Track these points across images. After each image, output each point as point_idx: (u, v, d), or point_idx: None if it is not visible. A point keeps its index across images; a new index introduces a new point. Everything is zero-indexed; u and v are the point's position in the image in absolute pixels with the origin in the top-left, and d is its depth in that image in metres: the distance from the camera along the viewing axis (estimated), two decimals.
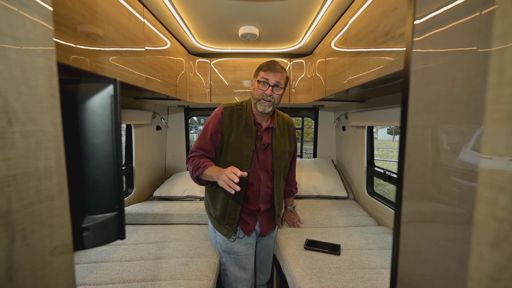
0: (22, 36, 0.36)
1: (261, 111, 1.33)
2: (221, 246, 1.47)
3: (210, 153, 1.36)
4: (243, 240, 1.46)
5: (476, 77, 0.34)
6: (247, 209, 1.44)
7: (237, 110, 1.39)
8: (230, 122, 1.36)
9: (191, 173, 1.30)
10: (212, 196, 1.46)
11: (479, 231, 0.31)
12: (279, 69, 1.32)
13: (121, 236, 0.65)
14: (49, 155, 0.43)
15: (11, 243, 0.37)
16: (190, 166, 1.31)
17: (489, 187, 0.30)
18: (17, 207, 0.37)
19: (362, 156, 2.28)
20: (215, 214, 1.44)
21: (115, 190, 0.62)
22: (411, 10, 0.46)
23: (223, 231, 1.43)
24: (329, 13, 1.60)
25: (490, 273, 0.30)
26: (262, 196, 1.44)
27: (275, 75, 1.30)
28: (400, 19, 0.95)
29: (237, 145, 1.34)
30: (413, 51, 0.46)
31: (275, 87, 1.31)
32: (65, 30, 0.82)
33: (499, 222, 0.29)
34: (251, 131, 1.36)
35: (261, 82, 1.31)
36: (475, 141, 0.34)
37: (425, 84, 0.44)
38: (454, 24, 0.38)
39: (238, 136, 1.35)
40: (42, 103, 0.41)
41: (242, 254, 1.45)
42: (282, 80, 1.33)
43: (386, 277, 1.24)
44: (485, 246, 0.30)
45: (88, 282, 1.21)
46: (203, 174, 1.26)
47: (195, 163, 1.29)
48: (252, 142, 1.35)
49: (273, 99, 1.32)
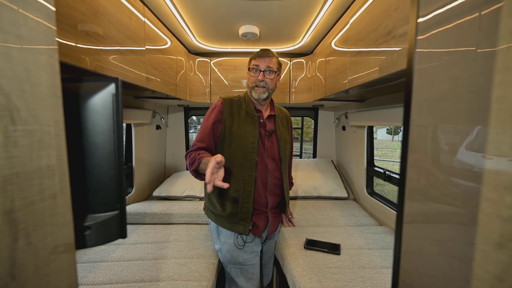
0: (24, 34, 0.36)
1: (256, 98, 1.33)
2: (225, 256, 1.39)
3: (209, 146, 1.31)
4: (249, 248, 1.37)
5: (481, 76, 0.33)
6: (257, 203, 1.36)
7: (235, 101, 1.37)
8: (231, 111, 1.33)
9: (189, 168, 1.25)
10: (220, 194, 1.35)
11: (484, 230, 0.31)
12: (268, 53, 1.33)
13: (123, 235, 0.65)
14: (51, 153, 0.43)
15: (14, 241, 0.37)
16: (188, 161, 1.26)
17: (494, 186, 0.30)
18: (20, 205, 0.37)
19: (362, 156, 2.28)
20: (226, 211, 1.33)
21: (116, 189, 0.62)
22: (414, 8, 0.46)
23: (239, 229, 1.33)
24: (330, 12, 1.60)
25: (495, 272, 0.29)
26: (270, 187, 1.38)
27: (264, 60, 1.32)
28: (402, 18, 0.95)
29: (240, 134, 1.30)
30: (416, 50, 0.46)
31: (266, 71, 1.32)
32: (66, 28, 0.82)
33: (505, 221, 0.29)
34: (253, 118, 1.34)
35: (253, 69, 1.33)
36: (478, 140, 0.34)
37: (429, 83, 0.44)
38: (458, 23, 0.38)
39: (240, 125, 1.31)
40: (44, 102, 0.41)
41: (248, 264, 1.38)
42: (272, 64, 1.33)
43: (386, 276, 1.24)
44: (490, 245, 0.30)
45: (86, 282, 1.21)
46: (200, 168, 1.19)
47: (191, 157, 1.24)
48: (255, 129, 1.32)
49: (267, 85, 1.32)
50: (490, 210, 0.30)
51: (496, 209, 0.30)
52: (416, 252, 0.47)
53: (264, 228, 1.41)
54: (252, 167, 1.29)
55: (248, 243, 1.37)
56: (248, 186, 1.29)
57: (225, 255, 1.39)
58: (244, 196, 1.31)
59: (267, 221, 1.42)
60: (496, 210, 0.30)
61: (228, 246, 1.37)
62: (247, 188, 1.30)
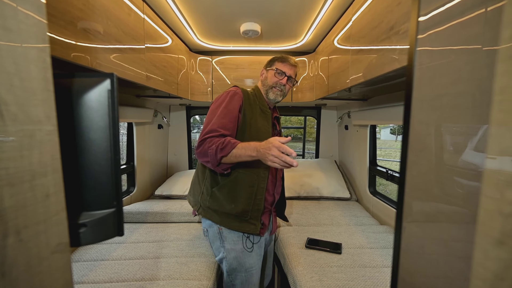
0: (13, 26, 0.35)
1: (272, 98, 1.34)
2: (231, 264, 1.29)
3: (233, 134, 1.18)
4: (255, 251, 1.31)
5: (482, 70, 0.32)
6: (266, 200, 1.31)
7: (251, 93, 1.34)
8: (250, 103, 1.28)
9: (214, 154, 1.08)
10: (231, 188, 1.23)
11: (484, 227, 0.30)
12: (294, 63, 1.35)
13: (120, 233, 0.64)
14: (43, 149, 0.42)
15: (3, 238, 0.36)
16: (212, 146, 1.08)
17: (495, 181, 0.29)
18: (10, 201, 0.37)
19: (364, 155, 2.26)
20: (236, 210, 1.22)
21: (113, 187, 0.62)
22: (415, 6, 0.45)
23: (249, 228, 1.25)
24: (332, 9, 1.59)
25: (495, 270, 0.28)
26: (277, 185, 1.36)
27: (291, 68, 1.34)
28: (404, 13, 0.93)
29: (257, 127, 1.26)
30: (417, 49, 0.45)
31: (289, 78, 1.34)
32: (63, 24, 0.81)
33: (505, 218, 0.27)
34: (267, 115, 1.33)
35: (278, 72, 1.32)
36: (480, 137, 0.32)
37: (430, 80, 0.43)
38: (460, 20, 0.37)
39: (257, 118, 1.28)
40: (35, 96, 0.40)
41: (254, 269, 1.31)
42: (294, 75, 1.37)
43: (387, 275, 1.22)
44: (490, 243, 0.29)
45: (87, 281, 1.21)
46: (233, 154, 1.06)
47: (219, 142, 1.07)
48: (269, 126, 1.32)
49: (285, 89, 1.35)
50: (490, 207, 0.29)
51: (497, 206, 0.28)
52: (416, 250, 0.46)
53: (267, 227, 1.39)
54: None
55: (255, 244, 1.32)
56: (262, 182, 1.26)
57: (232, 263, 1.29)
58: (258, 192, 1.25)
59: (270, 219, 1.40)
60: (497, 206, 0.28)
61: (236, 253, 1.28)
62: (261, 184, 1.25)
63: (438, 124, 0.40)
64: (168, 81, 1.81)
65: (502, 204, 0.28)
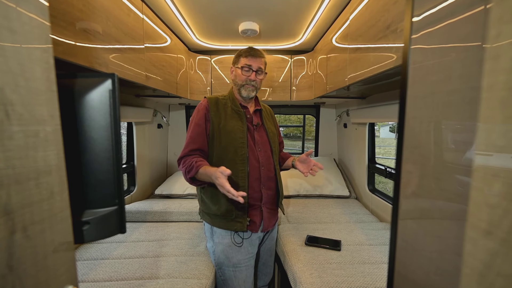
0: (17, 28, 0.36)
1: (245, 96, 1.35)
2: (219, 257, 1.37)
3: (202, 146, 1.31)
4: (245, 249, 1.35)
5: (472, 68, 0.33)
6: (251, 198, 1.34)
7: (221, 99, 1.39)
8: (217, 109, 1.34)
9: (185, 175, 1.25)
10: (213, 193, 1.33)
11: (473, 218, 0.31)
12: (260, 54, 1.36)
13: (122, 230, 0.65)
14: (48, 147, 0.44)
15: (11, 234, 0.37)
16: (183, 168, 1.26)
17: (483, 174, 0.30)
18: (16, 198, 0.38)
19: (363, 153, 2.27)
20: (220, 211, 1.31)
21: (115, 185, 0.63)
22: (409, 7, 0.46)
23: (236, 226, 1.31)
24: (330, 8, 1.59)
25: (483, 259, 0.29)
26: (264, 180, 1.37)
27: (256, 60, 1.34)
28: (401, 12, 0.95)
29: (229, 129, 1.31)
30: (411, 47, 0.46)
31: (257, 72, 1.35)
32: (63, 25, 0.82)
33: (492, 208, 0.29)
34: (240, 114, 1.35)
35: (244, 68, 1.34)
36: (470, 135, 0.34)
37: (423, 78, 0.44)
38: (452, 21, 0.38)
39: (228, 121, 1.33)
40: (40, 96, 0.41)
41: (242, 265, 1.36)
42: (263, 65, 1.37)
43: (386, 271, 1.23)
44: (479, 233, 0.30)
45: (87, 279, 1.22)
46: (198, 175, 1.21)
47: (187, 163, 1.24)
48: (243, 124, 1.34)
49: (257, 84, 1.36)
50: (478, 198, 0.30)
51: (484, 198, 0.30)
52: (411, 244, 0.47)
53: (260, 224, 1.39)
54: (244, 162, 1.29)
55: (246, 239, 1.36)
56: (242, 181, 1.29)
57: (219, 256, 1.36)
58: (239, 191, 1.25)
59: (262, 216, 1.40)
60: (484, 198, 0.30)
61: (223, 246, 1.35)
62: (241, 184, 1.29)
63: (431, 121, 0.41)
64: (168, 81, 1.82)
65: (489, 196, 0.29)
